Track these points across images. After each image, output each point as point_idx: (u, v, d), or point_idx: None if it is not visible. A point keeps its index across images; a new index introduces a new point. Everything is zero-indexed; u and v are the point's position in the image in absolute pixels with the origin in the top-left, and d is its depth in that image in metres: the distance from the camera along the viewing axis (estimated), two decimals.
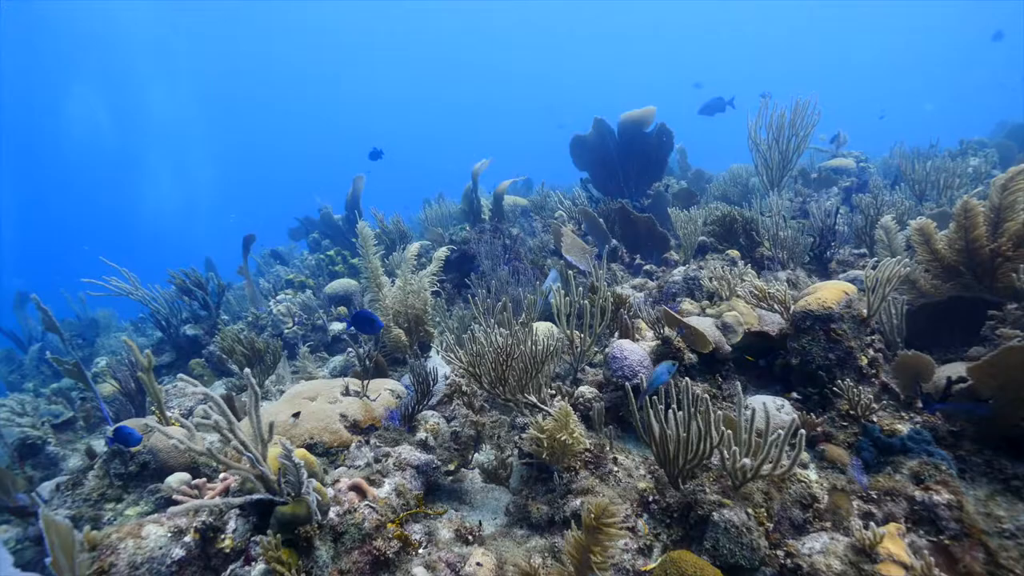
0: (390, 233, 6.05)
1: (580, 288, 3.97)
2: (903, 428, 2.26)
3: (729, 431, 1.92)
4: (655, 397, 2.14)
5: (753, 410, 1.95)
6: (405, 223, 6.24)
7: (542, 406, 2.53)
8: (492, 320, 2.60)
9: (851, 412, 2.36)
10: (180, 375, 1.83)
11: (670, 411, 2.05)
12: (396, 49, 53.64)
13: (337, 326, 4.98)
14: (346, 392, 2.77)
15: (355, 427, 2.57)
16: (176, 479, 2.33)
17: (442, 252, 3.93)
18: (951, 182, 4.72)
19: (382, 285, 3.85)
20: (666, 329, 2.83)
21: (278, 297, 5.24)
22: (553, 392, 2.95)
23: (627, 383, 2.66)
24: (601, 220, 4.61)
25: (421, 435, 2.67)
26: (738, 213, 4.15)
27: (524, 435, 2.76)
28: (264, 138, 58.60)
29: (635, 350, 2.66)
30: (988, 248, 2.89)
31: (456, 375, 3.00)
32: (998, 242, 2.86)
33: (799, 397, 2.58)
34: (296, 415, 2.51)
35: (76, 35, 34.78)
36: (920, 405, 2.41)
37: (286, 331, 4.94)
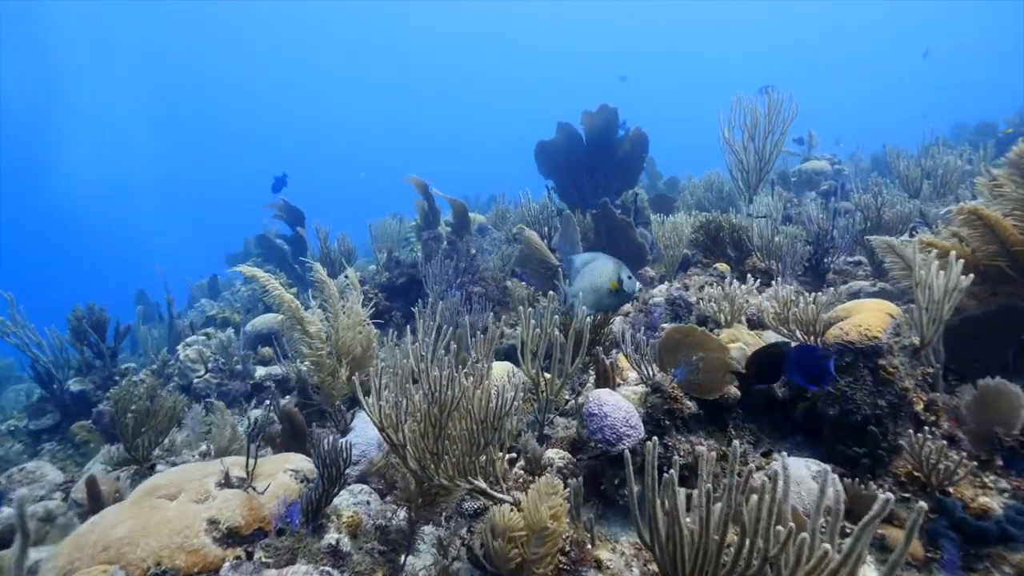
0: (334, 255, 5.28)
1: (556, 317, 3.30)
2: (994, 504, 1.63)
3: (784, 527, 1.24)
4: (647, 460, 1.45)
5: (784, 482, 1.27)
6: (352, 242, 5.47)
7: (498, 494, 1.81)
8: (427, 362, 1.86)
9: (918, 477, 1.72)
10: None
11: (690, 501, 1.37)
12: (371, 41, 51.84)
13: (261, 371, 4.17)
14: (225, 481, 1.99)
15: (231, 537, 1.80)
16: None
17: (353, 273, 3.21)
18: (949, 179, 4.26)
19: (304, 321, 3.08)
20: (655, 370, 2.16)
21: (188, 339, 4.39)
22: (508, 465, 2.24)
23: (611, 450, 1.98)
24: (576, 227, 3.97)
25: (331, 537, 1.91)
26: (725, 220, 3.57)
27: (477, 526, 2.04)
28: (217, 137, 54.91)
29: (618, 404, 1.98)
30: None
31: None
32: None
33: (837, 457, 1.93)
34: None
35: None
36: (1001, 463, 1.80)
37: (196, 380, 4.10)
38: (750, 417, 2.33)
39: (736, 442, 1.24)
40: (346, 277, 3.49)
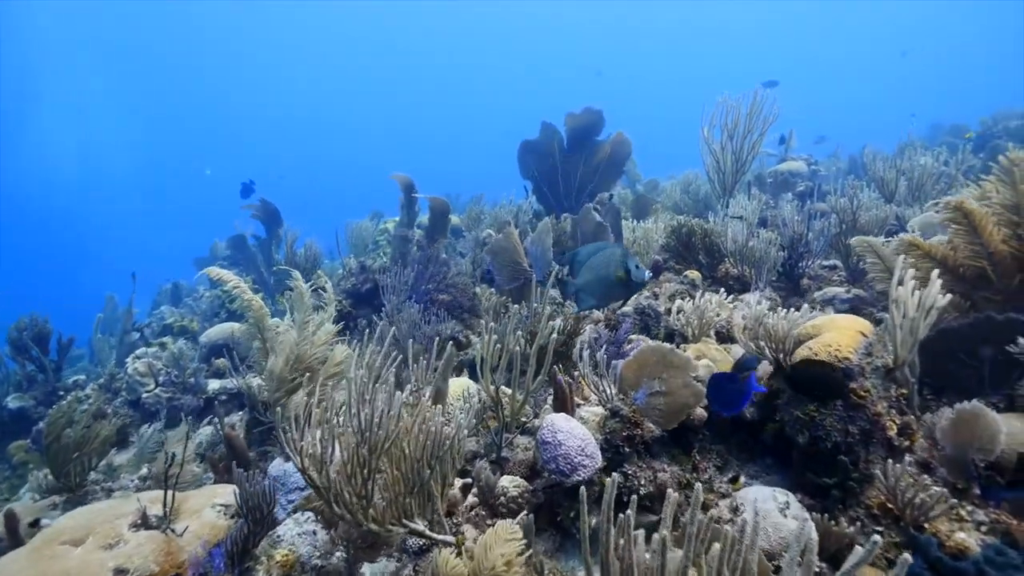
0: (299, 261, 5.06)
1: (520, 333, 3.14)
2: (971, 541, 1.51)
3: None
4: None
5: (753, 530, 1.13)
6: (319, 247, 5.25)
7: (439, 536, 1.65)
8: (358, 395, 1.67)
9: (891, 509, 1.59)
10: None
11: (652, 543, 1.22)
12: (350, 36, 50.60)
13: (215, 384, 3.95)
14: (142, 521, 1.80)
15: None
16: None
17: (330, 287, 3.01)
18: (925, 182, 4.19)
19: (268, 330, 2.87)
20: (613, 391, 2.02)
21: (138, 351, 4.15)
22: (461, 493, 2.08)
23: (565, 482, 1.83)
24: (550, 232, 3.81)
25: None
26: (697, 225, 3.44)
27: (423, 564, 1.88)
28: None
29: (573, 431, 1.83)
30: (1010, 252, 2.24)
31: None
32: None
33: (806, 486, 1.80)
34: None
35: None
36: (978, 492, 1.68)
37: (145, 395, 3.87)
38: (717, 438, 2.20)
39: (699, 485, 1.09)
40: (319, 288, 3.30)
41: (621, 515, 1.26)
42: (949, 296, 1.67)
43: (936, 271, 1.66)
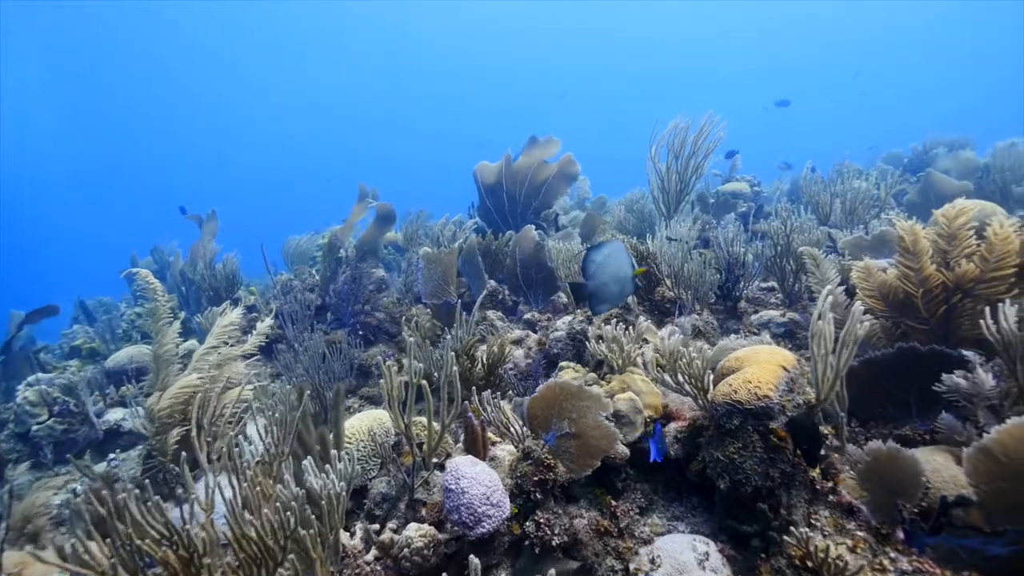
0: (216, 280, 4.72)
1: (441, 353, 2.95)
2: None
3: None
4: None
5: None
6: (237, 262, 4.92)
7: None
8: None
9: (810, 567, 1.48)
10: None
11: None
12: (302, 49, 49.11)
13: (115, 414, 3.60)
14: None
15: None
16: None
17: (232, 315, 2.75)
18: (857, 206, 4.26)
19: (162, 346, 2.58)
20: (525, 433, 1.86)
21: (31, 378, 3.74)
22: (365, 542, 1.87)
23: (468, 535, 1.66)
24: (477, 253, 3.65)
25: None
26: (632, 246, 3.35)
27: None
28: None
29: (478, 478, 1.65)
30: (942, 284, 2.22)
31: None
32: (954, 275, 2.20)
33: (727, 534, 1.68)
34: None
35: None
36: (902, 537, 1.60)
37: (35, 427, 3.48)
38: (643, 476, 2.07)
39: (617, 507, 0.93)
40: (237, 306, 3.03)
41: None
42: (868, 324, 1.59)
43: (859, 304, 1.58)
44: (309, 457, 1.48)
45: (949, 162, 6.05)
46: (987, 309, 1.82)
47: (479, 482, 1.64)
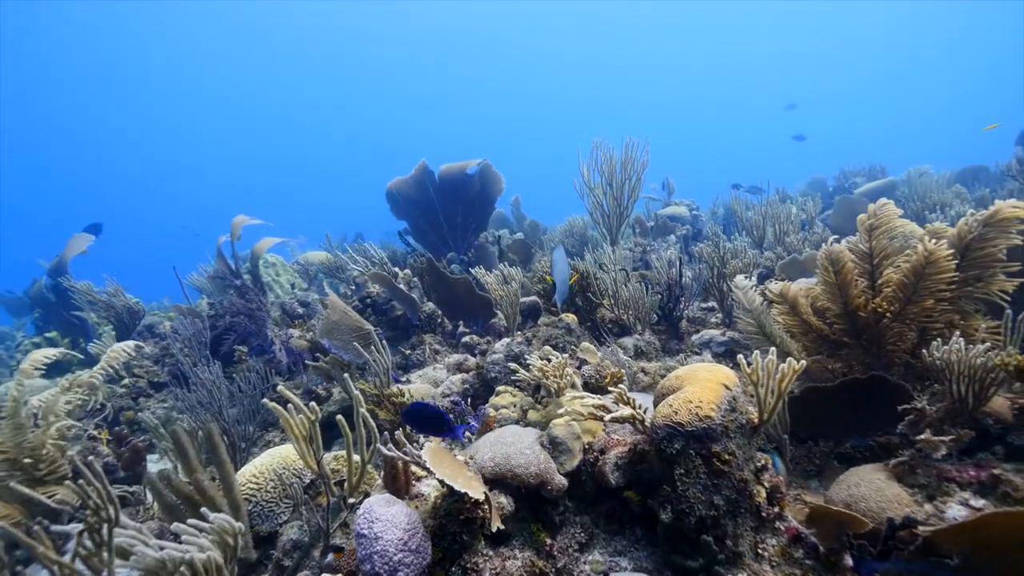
0: (117, 311, 4.27)
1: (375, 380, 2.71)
2: None
3: None
4: None
5: None
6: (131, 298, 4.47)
7: None
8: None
9: None
10: None
11: None
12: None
13: None
14: None
15: None
16: None
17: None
18: (786, 228, 4.37)
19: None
20: (442, 473, 1.66)
21: None
22: None
23: None
24: (402, 282, 3.44)
25: None
26: (572, 267, 3.26)
27: None
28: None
29: (395, 520, 1.44)
30: (868, 307, 2.22)
31: None
32: (879, 298, 2.21)
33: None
34: None
35: None
36: (851, 564, 1.50)
37: None
38: (582, 508, 1.91)
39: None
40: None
41: None
42: (804, 363, 1.53)
43: (790, 363, 1.53)
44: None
45: (867, 187, 6.41)
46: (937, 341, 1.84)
47: (395, 525, 1.43)
